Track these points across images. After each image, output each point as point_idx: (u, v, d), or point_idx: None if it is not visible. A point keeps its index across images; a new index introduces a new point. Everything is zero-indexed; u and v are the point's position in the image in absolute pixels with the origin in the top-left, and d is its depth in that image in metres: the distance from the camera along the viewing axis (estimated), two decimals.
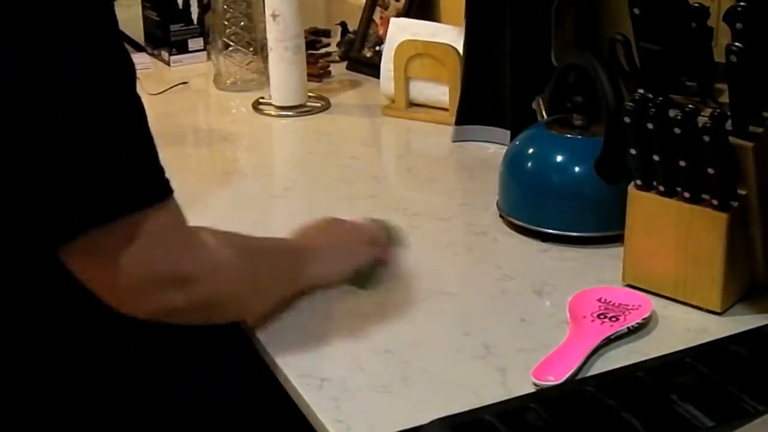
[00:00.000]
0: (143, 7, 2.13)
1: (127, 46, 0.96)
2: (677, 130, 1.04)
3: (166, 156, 0.93)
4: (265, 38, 1.77)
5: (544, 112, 1.37)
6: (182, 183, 1.14)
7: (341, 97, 1.88)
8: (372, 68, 1.90)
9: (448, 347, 1.06)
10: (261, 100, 1.83)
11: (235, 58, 1.92)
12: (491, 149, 1.58)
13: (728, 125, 1.04)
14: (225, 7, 1.91)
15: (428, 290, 1.17)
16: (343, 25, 2.10)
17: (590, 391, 0.92)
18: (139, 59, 2.02)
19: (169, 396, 1.16)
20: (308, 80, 1.82)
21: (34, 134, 0.82)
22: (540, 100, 1.38)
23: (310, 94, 1.82)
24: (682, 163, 1.06)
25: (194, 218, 1.26)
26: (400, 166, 1.68)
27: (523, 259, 1.25)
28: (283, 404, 1.01)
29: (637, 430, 0.87)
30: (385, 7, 1.98)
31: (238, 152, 1.70)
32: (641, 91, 1.09)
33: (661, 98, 1.07)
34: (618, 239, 1.18)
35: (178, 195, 0.94)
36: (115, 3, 0.95)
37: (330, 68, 1.99)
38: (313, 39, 2.12)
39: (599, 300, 1.10)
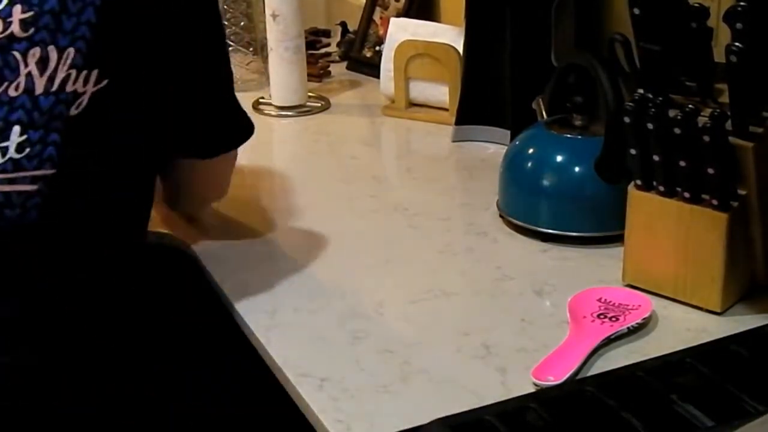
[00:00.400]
0: None
1: None
2: (677, 130, 1.04)
3: None
4: (265, 38, 1.77)
5: (544, 112, 1.36)
6: None
7: (341, 97, 1.88)
8: (372, 68, 1.90)
9: (448, 347, 1.06)
10: (261, 100, 1.83)
11: (235, 58, 1.91)
12: (491, 149, 1.58)
13: (728, 125, 1.04)
14: (225, 7, 1.91)
15: (428, 290, 1.17)
16: (343, 25, 2.10)
17: (590, 391, 0.92)
18: None
19: (169, 396, 1.16)
20: (308, 80, 1.82)
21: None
22: (540, 100, 1.37)
23: (310, 94, 1.82)
24: (682, 163, 1.06)
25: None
26: (400, 166, 1.68)
27: (523, 259, 1.25)
28: (283, 404, 1.01)
29: (637, 430, 0.87)
30: (385, 7, 1.98)
31: (238, 152, 1.70)
32: (641, 91, 1.09)
33: (661, 98, 1.07)
34: (618, 239, 1.18)
35: None
36: None
37: (330, 68, 2.00)
38: (313, 39, 2.12)
39: (599, 300, 1.10)
